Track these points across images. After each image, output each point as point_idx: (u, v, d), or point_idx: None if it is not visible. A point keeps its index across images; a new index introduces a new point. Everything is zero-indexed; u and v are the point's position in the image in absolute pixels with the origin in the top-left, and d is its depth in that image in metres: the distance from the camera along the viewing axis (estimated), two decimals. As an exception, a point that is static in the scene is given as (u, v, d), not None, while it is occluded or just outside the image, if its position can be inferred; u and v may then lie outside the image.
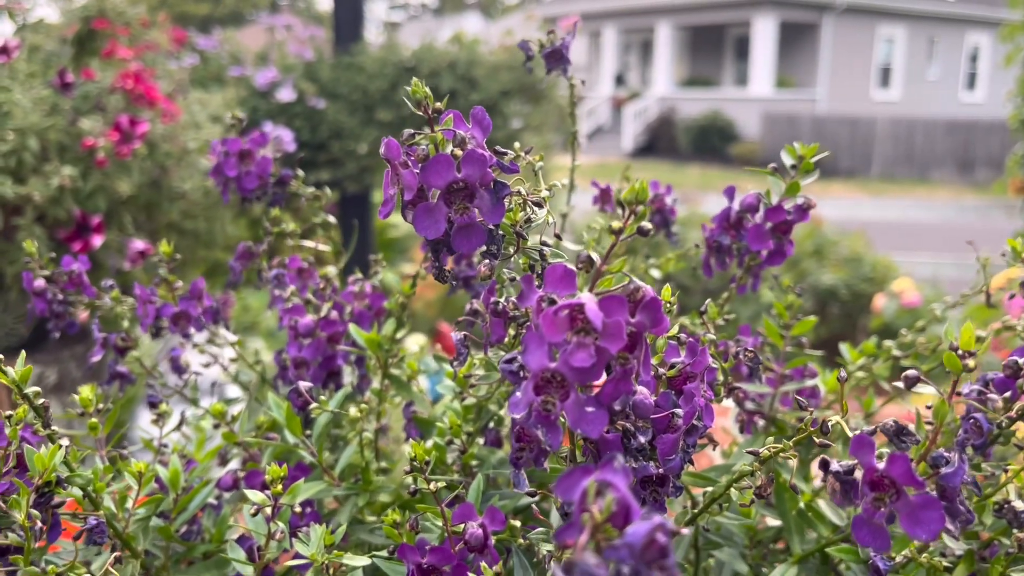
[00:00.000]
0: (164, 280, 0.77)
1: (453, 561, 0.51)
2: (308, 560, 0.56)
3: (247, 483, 0.68)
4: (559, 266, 0.41)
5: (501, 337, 0.59)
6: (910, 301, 3.06)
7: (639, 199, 0.37)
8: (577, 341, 0.36)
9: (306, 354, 0.76)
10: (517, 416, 0.38)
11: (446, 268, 0.46)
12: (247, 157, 0.80)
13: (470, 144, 0.41)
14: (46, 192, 1.67)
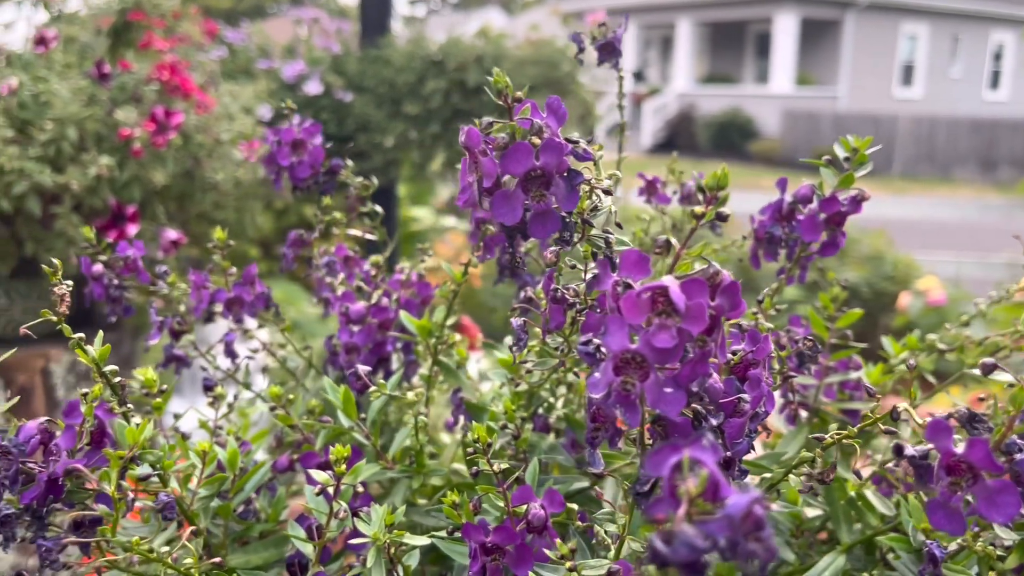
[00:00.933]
0: (218, 266, 0.79)
1: (516, 540, 0.52)
2: (369, 539, 0.58)
3: (302, 464, 0.69)
4: (633, 252, 0.42)
5: (560, 323, 0.60)
6: (936, 300, 3.04)
7: (720, 185, 0.38)
8: (659, 323, 0.37)
9: (357, 340, 0.77)
10: (596, 396, 0.39)
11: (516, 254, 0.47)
12: (300, 147, 0.81)
13: (546, 133, 0.42)
14: (84, 181, 1.70)
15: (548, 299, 0.58)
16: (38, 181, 1.65)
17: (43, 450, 0.53)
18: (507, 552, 0.53)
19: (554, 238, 0.45)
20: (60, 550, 0.55)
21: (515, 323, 0.59)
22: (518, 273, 0.81)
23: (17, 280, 1.95)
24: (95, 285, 0.80)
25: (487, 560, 0.53)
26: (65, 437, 0.53)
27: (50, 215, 1.72)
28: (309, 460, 0.69)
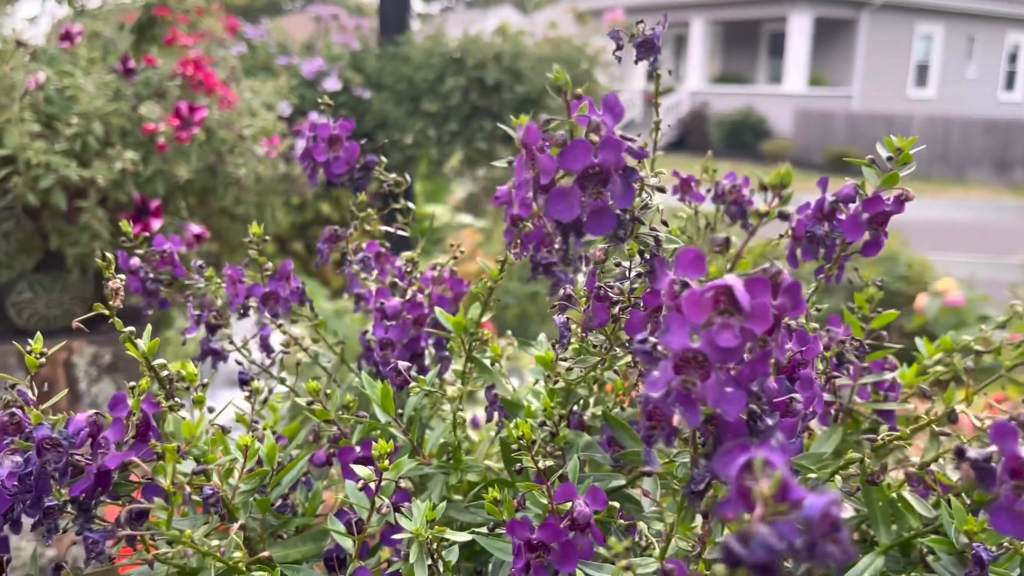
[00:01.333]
0: (254, 261, 0.79)
1: (562, 538, 0.52)
2: (411, 534, 0.58)
3: (340, 459, 0.70)
4: (690, 250, 0.42)
5: (604, 321, 0.60)
6: (953, 301, 3.03)
7: (784, 183, 0.38)
8: (722, 322, 0.37)
9: (392, 335, 0.77)
10: (655, 395, 0.39)
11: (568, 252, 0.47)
12: (336, 143, 0.81)
13: (603, 130, 0.42)
14: (109, 175, 1.71)
15: (591, 297, 0.58)
16: (64, 175, 1.66)
17: (91, 443, 0.53)
18: (552, 549, 0.53)
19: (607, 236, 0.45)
20: (106, 542, 0.55)
21: (558, 320, 0.59)
22: (552, 271, 0.81)
23: (41, 273, 1.96)
24: (132, 279, 0.80)
25: (531, 557, 0.53)
26: (113, 430, 0.53)
27: (75, 209, 1.73)
28: (347, 455, 0.69)
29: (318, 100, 0.82)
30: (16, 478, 0.51)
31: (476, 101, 2.82)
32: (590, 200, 0.42)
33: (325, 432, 0.72)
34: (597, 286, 0.57)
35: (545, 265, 0.80)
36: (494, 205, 0.79)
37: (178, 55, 1.94)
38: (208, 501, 0.55)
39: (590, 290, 0.58)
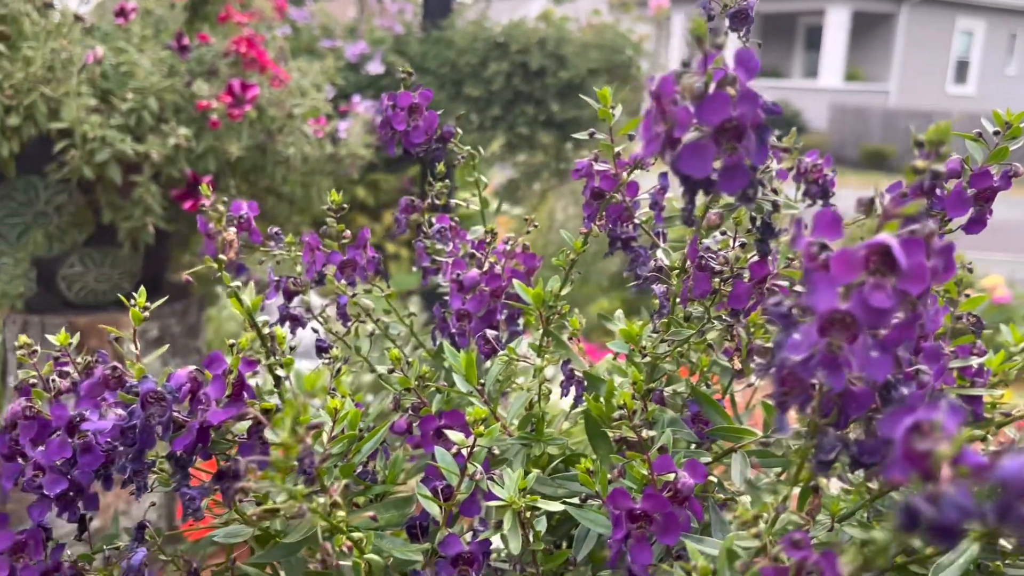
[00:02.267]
0: (332, 228, 0.79)
1: (667, 508, 0.51)
2: (504, 502, 0.57)
3: (421, 428, 0.69)
4: (828, 211, 0.40)
5: (706, 291, 0.59)
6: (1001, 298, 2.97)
7: (941, 139, 0.36)
8: (874, 282, 0.36)
9: (470, 307, 0.77)
10: (796, 358, 0.37)
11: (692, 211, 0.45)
12: (416, 112, 0.81)
13: (739, 84, 0.41)
14: (163, 151, 1.72)
15: (693, 266, 0.57)
16: (120, 149, 1.67)
17: (190, 399, 0.53)
18: (654, 520, 0.52)
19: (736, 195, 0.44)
20: (202, 498, 0.55)
21: (658, 290, 0.58)
22: (630, 246, 0.79)
23: (91, 248, 1.98)
24: (209, 244, 0.80)
25: (632, 527, 0.52)
26: (214, 386, 0.53)
27: (129, 183, 1.75)
28: (428, 424, 0.68)
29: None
30: (119, 431, 0.51)
31: (519, 86, 2.81)
32: (724, 155, 0.41)
33: (405, 401, 0.71)
34: (700, 255, 0.56)
35: (624, 239, 0.78)
36: (574, 177, 0.78)
37: (231, 32, 1.95)
38: (303, 462, 0.55)
39: (692, 259, 0.57)
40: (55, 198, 1.88)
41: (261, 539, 0.69)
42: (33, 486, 0.58)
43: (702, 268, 0.56)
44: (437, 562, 0.58)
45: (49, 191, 1.87)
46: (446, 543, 0.57)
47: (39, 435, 0.58)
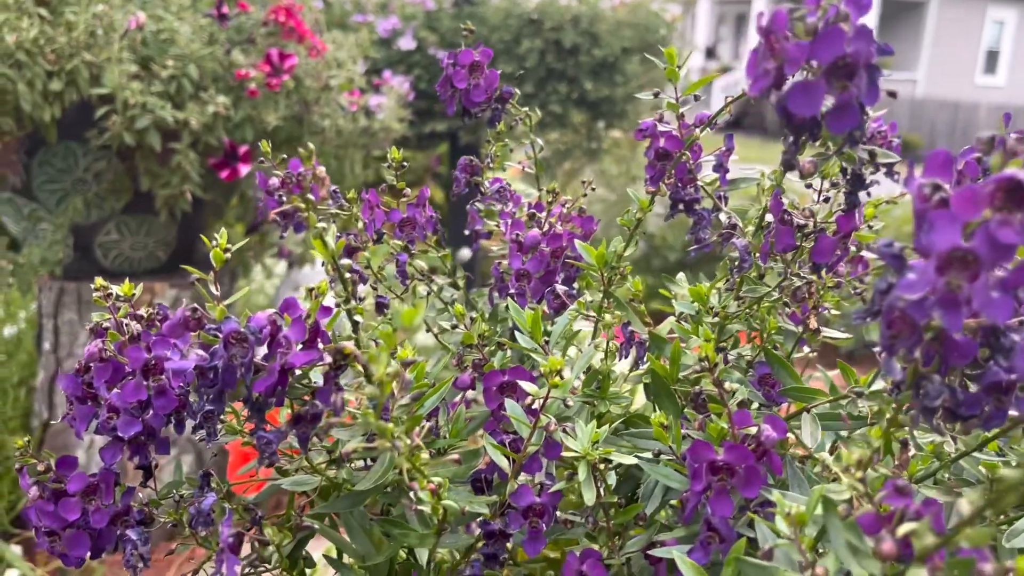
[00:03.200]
0: (391, 187, 0.79)
1: (750, 460, 0.50)
2: (579, 453, 0.57)
3: (485, 383, 0.69)
4: (941, 152, 0.39)
5: (789, 245, 0.58)
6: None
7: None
8: (1001, 218, 0.35)
9: (530, 267, 0.76)
10: (912, 297, 0.37)
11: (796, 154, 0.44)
12: (476, 70, 0.80)
13: (852, 21, 0.40)
14: (202, 119, 1.72)
15: (776, 221, 0.56)
16: (160, 116, 1.68)
17: (269, 343, 0.53)
18: (736, 472, 0.51)
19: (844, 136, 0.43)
20: (278, 443, 0.55)
21: (739, 244, 0.57)
22: (693, 208, 0.78)
23: (128, 215, 1.99)
24: (269, 199, 0.80)
25: (713, 480, 0.51)
26: (294, 329, 0.53)
27: (168, 151, 1.75)
28: (493, 379, 0.68)
29: (463, 24, 0.81)
30: (200, 372, 0.51)
31: (552, 64, 2.78)
32: (836, 94, 0.40)
33: (468, 357, 0.71)
34: (783, 210, 0.55)
35: (688, 202, 0.77)
36: (638, 138, 0.77)
37: (269, 1, 1.94)
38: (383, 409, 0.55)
39: (775, 213, 0.56)
40: (94, 165, 1.89)
41: (323, 493, 0.69)
42: (107, 428, 0.58)
43: (785, 222, 0.55)
44: (508, 513, 0.58)
45: (88, 158, 1.88)
46: (518, 494, 0.57)
47: (113, 378, 0.59)
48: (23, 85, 1.60)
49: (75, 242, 2.00)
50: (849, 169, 0.50)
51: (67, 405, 0.60)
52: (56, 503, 0.59)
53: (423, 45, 2.92)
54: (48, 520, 0.58)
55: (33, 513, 0.58)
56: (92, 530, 0.60)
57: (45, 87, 1.63)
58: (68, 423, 0.60)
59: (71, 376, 0.59)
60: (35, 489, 0.58)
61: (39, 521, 0.58)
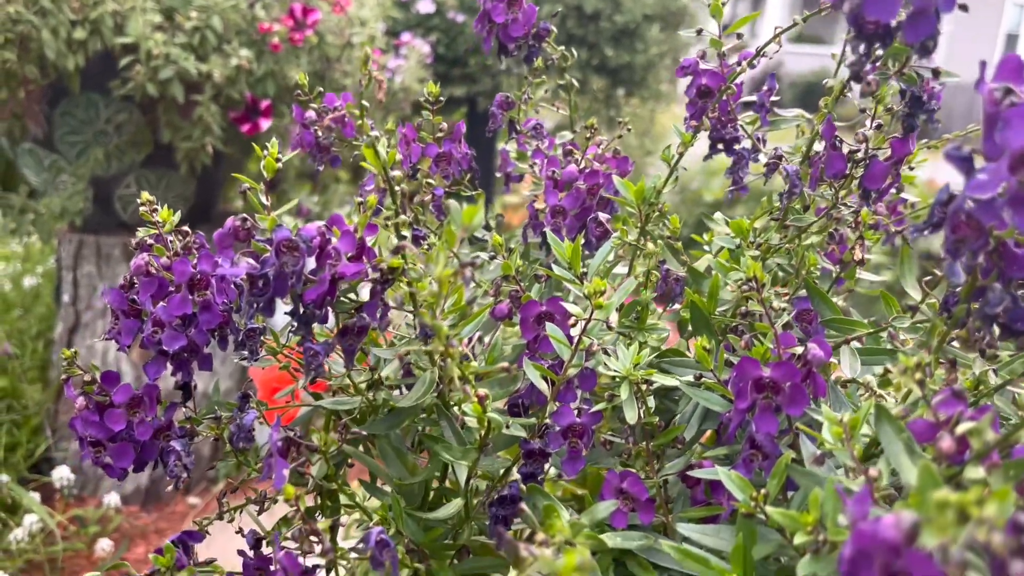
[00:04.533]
0: (428, 122, 0.78)
1: (796, 377, 0.50)
2: (621, 374, 0.57)
3: (523, 313, 0.69)
4: (1013, 57, 0.39)
5: (840, 170, 0.58)
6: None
7: None
8: (1078, 113, 0.34)
9: (566, 203, 0.76)
10: (982, 197, 0.37)
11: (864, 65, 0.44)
12: (515, 4, 0.79)
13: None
14: (225, 72, 1.72)
15: (828, 145, 0.56)
16: (183, 68, 1.67)
17: (319, 255, 0.53)
18: (781, 390, 0.51)
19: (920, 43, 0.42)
20: (325, 355, 0.56)
21: (790, 169, 0.56)
22: (732, 148, 0.78)
23: (148, 169, 2.00)
24: (305, 133, 0.80)
25: (758, 397, 0.52)
26: (344, 242, 0.53)
27: (190, 103, 1.75)
28: (530, 309, 0.68)
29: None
30: (249, 280, 0.52)
31: (572, 29, 2.76)
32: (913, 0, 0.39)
33: (505, 288, 0.71)
34: (834, 136, 0.54)
35: (728, 141, 0.77)
36: (679, 76, 0.76)
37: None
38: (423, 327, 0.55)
39: (827, 138, 0.55)
40: (115, 117, 1.88)
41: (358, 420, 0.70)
42: (152, 342, 0.59)
43: (836, 147, 0.55)
44: (548, 434, 0.59)
45: (109, 110, 1.88)
46: (559, 414, 0.58)
47: (158, 294, 0.59)
48: (47, 33, 1.60)
49: (95, 195, 2.00)
50: (908, 91, 0.49)
51: (111, 320, 0.61)
52: (101, 415, 0.59)
53: (442, 9, 2.89)
54: (94, 430, 0.59)
55: (79, 423, 0.59)
56: (136, 442, 0.60)
57: (69, 35, 1.63)
58: (112, 338, 0.60)
59: (116, 291, 0.59)
60: (81, 399, 0.59)
61: (85, 430, 0.59)
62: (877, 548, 0.30)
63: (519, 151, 0.89)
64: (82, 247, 2.05)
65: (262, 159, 0.53)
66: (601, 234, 0.67)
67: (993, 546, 0.28)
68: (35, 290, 2.40)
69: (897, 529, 0.29)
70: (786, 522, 0.42)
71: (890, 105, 0.53)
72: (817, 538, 0.41)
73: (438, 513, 0.60)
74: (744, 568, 0.48)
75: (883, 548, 0.30)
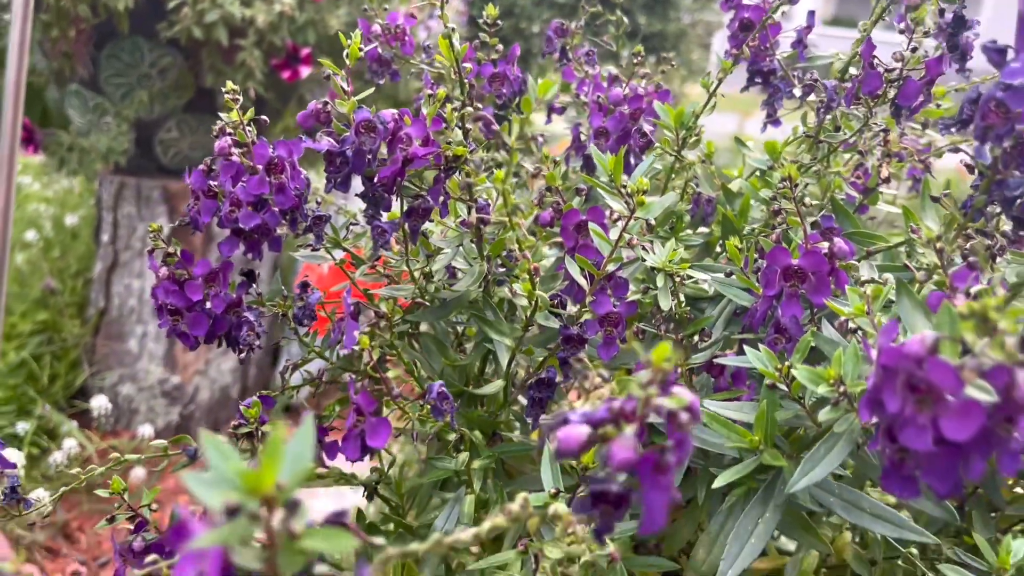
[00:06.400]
0: (484, 43, 0.83)
1: (823, 267, 0.55)
2: (658, 266, 0.62)
3: (565, 221, 0.74)
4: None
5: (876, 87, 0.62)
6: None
7: None
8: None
9: (609, 125, 0.81)
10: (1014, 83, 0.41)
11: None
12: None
13: None
14: (268, 17, 1.77)
15: (866, 64, 0.60)
16: (229, 12, 1.72)
17: (390, 140, 0.58)
18: (807, 279, 0.56)
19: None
20: (392, 234, 0.61)
21: (829, 84, 0.61)
22: (769, 81, 0.82)
23: (188, 114, 2.05)
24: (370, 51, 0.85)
25: (785, 285, 0.57)
26: (415, 127, 0.58)
27: (234, 47, 1.80)
28: (572, 217, 0.73)
29: None
30: (328, 157, 0.57)
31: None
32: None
33: (548, 199, 0.76)
34: (872, 55, 0.59)
35: (765, 73, 0.81)
36: (723, 9, 0.81)
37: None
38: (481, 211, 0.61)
39: (865, 58, 0.60)
40: (160, 60, 1.94)
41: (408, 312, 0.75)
42: (229, 220, 0.64)
43: (874, 67, 0.59)
44: (584, 321, 0.64)
45: (154, 53, 1.94)
46: (597, 303, 0.63)
47: (236, 176, 0.65)
48: (101, -29, 1.65)
49: (136, 138, 2.06)
50: (950, 11, 0.53)
51: (191, 200, 0.66)
52: (181, 287, 0.65)
53: (477, -28, 2.92)
54: (174, 298, 0.65)
55: (160, 291, 0.65)
56: (210, 314, 0.66)
57: (121, -25, 1.68)
58: (192, 216, 0.66)
59: (199, 171, 0.65)
60: (164, 270, 0.65)
61: (165, 298, 0.65)
62: (902, 363, 0.34)
63: (564, 82, 0.93)
64: (123, 188, 2.12)
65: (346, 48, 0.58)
66: (644, 145, 0.71)
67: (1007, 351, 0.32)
68: (74, 230, 2.47)
69: (922, 344, 0.34)
70: (810, 378, 0.47)
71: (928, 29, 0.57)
72: (838, 390, 0.46)
73: (484, 389, 0.65)
74: (766, 432, 0.53)
75: (908, 362, 0.34)
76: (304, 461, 0.26)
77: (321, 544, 0.26)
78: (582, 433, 0.29)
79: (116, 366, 2.14)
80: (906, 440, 0.33)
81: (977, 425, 0.31)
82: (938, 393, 0.32)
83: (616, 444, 0.28)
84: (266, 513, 0.26)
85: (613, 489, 0.30)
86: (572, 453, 0.29)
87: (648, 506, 0.29)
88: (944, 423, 0.31)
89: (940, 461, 0.34)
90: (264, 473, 0.25)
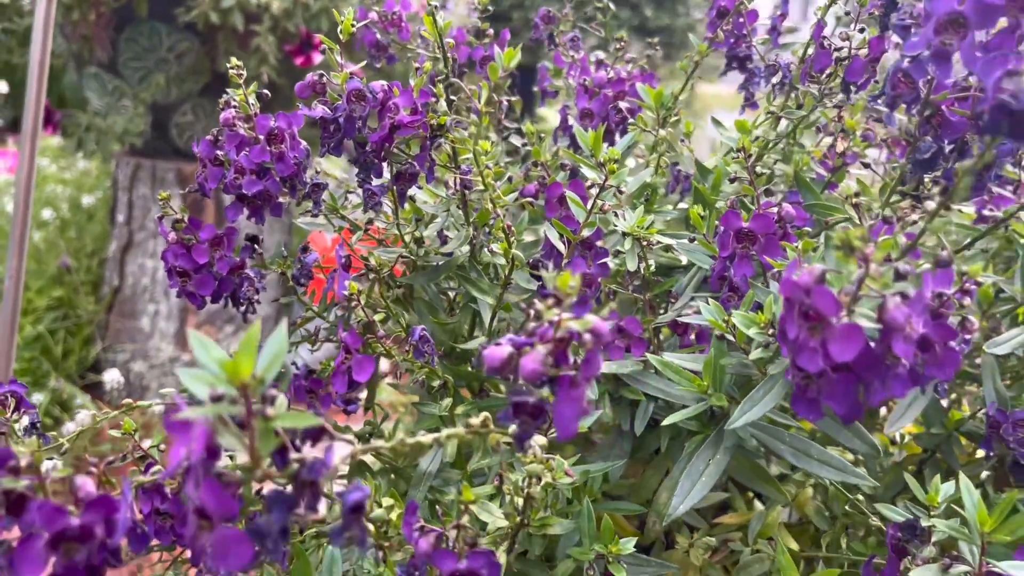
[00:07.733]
0: (478, 30, 0.89)
1: (771, 229, 0.60)
2: (628, 231, 0.67)
3: (548, 193, 0.79)
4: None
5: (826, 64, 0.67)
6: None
7: None
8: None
9: (593, 107, 0.86)
10: (913, 53, 0.46)
11: None
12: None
13: None
14: (283, 4, 1.83)
15: (816, 44, 0.65)
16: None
17: (380, 110, 0.64)
18: (757, 240, 0.61)
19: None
20: (383, 196, 0.67)
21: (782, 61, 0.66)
22: (745, 66, 0.87)
23: (204, 98, 2.12)
24: (367, 33, 0.91)
25: (738, 247, 0.62)
26: (403, 97, 0.64)
27: (249, 33, 1.86)
28: (555, 190, 0.79)
29: None
30: (322, 123, 0.62)
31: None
32: None
33: (534, 173, 0.81)
34: (823, 36, 0.64)
35: (741, 59, 0.86)
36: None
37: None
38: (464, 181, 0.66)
39: (816, 39, 0.65)
40: (177, 45, 2.01)
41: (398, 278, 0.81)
42: (234, 187, 0.70)
43: (824, 47, 0.64)
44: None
45: (172, 38, 2.00)
46: (573, 263, 0.68)
47: (240, 146, 0.70)
48: (122, -42, 1.71)
49: (152, 121, 2.13)
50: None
51: (200, 168, 0.72)
52: (188, 251, 0.71)
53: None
54: (182, 261, 0.71)
55: (170, 255, 0.71)
56: (216, 276, 0.72)
57: (141, -38, 1.75)
58: (200, 182, 0.72)
59: (206, 141, 0.71)
60: (173, 234, 0.70)
61: (175, 261, 0.71)
62: (795, 292, 0.40)
63: (555, 67, 0.99)
64: (138, 170, 2.19)
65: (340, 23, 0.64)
66: (619, 120, 0.77)
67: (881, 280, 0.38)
68: (90, 211, 2.55)
69: (810, 274, 0.39)
70: (744, 322, 0.53)
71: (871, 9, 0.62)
72: (767, 332, 0.51)
73: (469, 343, 0.71)
74: (713, 376, 0.58)
75: (799, 291, 0.40)
76: (278, 357, 0.32)
77: (291, 423, 0.31)
78: (504, 351, 0.35)
79: (128, 343, 2.21)
80: (802, 363, 0.38)
81: (858, 347, 0.36)
82: (824, 318, 0.37)
83: (526, 358, 0.34)
84: (244, 398, 0.31)
85: (530, 400, 0.35)
86: (495, 369, 0.35)
87: (560, 415, 0.35)
88: (831, 346, 0.36)
89: (838, 385, 0.39)
90: (241, 362, 0.30)
